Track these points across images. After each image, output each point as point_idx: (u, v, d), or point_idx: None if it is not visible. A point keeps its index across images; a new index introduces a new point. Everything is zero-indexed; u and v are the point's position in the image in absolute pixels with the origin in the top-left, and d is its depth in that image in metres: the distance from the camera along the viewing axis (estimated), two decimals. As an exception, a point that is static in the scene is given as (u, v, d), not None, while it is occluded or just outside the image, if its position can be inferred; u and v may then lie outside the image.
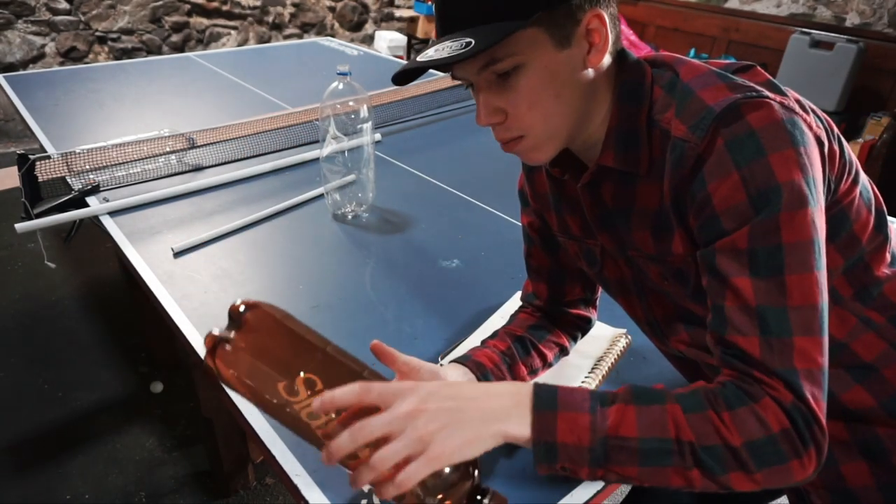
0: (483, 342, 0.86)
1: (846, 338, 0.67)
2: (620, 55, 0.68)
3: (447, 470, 0.55)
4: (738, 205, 0.58)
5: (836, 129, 0.65)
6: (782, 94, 0.61)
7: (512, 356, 0.84)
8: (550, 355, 0.88)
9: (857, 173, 0.66)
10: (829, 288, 0.64)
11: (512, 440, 0.57)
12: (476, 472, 0.57)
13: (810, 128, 0.60)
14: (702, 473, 0.56)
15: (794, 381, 0.55)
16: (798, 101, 0.62)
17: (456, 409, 0.55)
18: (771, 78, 0.64)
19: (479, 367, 0.80)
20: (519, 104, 0.64)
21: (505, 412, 0.56)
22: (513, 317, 0.93)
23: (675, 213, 0.64)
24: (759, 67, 0.65)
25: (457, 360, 0.81)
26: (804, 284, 0.56)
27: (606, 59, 0.65)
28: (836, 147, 0.63)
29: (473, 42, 0.59)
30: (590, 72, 0.65)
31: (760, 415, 0.55)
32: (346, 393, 0.54)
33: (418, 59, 0.63)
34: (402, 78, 0.67)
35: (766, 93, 0.60)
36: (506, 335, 0.87)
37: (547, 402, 0.57)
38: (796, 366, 0.56)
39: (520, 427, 0.56)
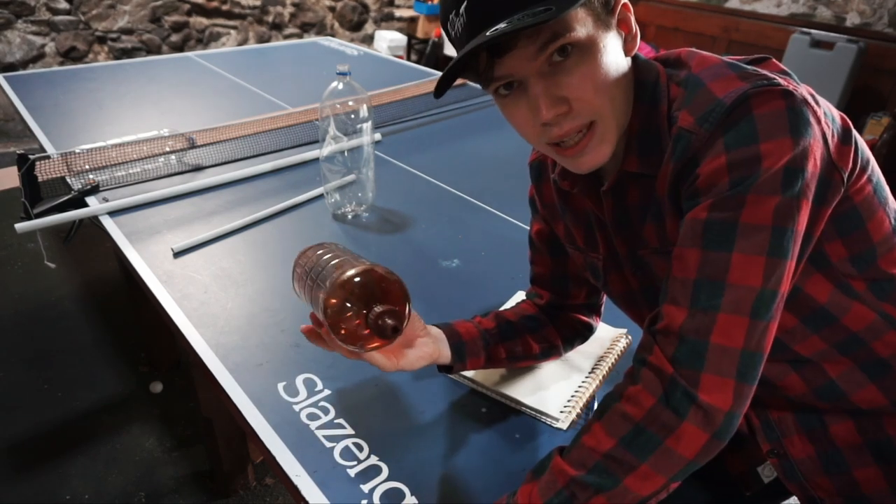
0: (473, 316, 0.88)
1: (863, 332, 0.65)
2: (634, 57, 0.67)
3: None
4: (719, 185, 0.57)
5: (850, 125, 0.62)
6: (795, 83, 0.59)
7: (494, 336, 0.85)
8: (537, 348, 0.88)
9: (872, 172, 0.64)
10: (844, 284, 0.63)
11: None
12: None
13: (819, 122, 0.58)
14: (603, 496, 0.58)
15: (700, 353, 0.56)
16: (812, 95, 0.60)
17: None
18: (786, 69, 0.62)
19: (455, 335, 0.82)
20: (585, 87, 0.60)
21: None
22: (515, 305, 0.94)
23: (671, 200, 0.64)
24: (774, 60, 0.64)
25: (438, 325, 0.83)
26: (750, 265, 0.56)
27: (628, 60, 0.65)
28: (851, 144, 0.61)
29: (552, 8, 0.53)
30: (628, 62, 0.64)
31: (623, 409, 0.58)
32: None
33: (487, 33, 0.55)
34: (454, 70, 0.59)
35: (778, 80, 0.57)
36: (496, 317, 0.88)
37: None
38: (711, 340, 0.56)
39: None
